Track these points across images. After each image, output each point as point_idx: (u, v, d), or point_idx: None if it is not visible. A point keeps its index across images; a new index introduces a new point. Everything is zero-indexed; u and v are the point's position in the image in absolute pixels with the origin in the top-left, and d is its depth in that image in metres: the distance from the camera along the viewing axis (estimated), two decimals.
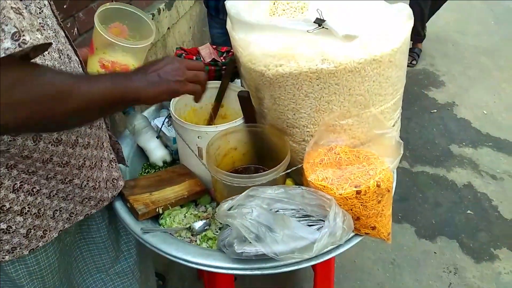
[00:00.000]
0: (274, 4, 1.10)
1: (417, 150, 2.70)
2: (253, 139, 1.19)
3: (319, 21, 0.95)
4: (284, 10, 1.09)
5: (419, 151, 2.69)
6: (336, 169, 1.02)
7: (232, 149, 1.19)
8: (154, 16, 2.24)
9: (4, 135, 0.78)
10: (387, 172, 0.99)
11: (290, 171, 1.09)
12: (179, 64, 0.82)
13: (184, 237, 1.11)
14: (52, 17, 0.87)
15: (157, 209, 1.12)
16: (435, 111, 3.07)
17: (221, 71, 1.34)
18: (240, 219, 0.91)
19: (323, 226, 0.94)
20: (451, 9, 3.14)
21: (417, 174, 2.51)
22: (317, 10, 0.96)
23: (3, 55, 0.60)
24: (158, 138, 1.34)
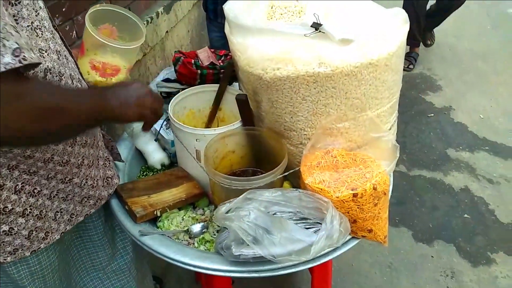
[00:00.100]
0: (272, 8, 1.11)
1: (414, 154, 2.71)
2: (251, 142, 1.20)
3: (316, 25, 0.96)
4: (281, 14, 1.09)
5: (416, 155, 2.70)
6: (333, 172, 1.02)
7: (230, 152, 1.20)
8: (153, 20, 2.25)
9: None
10: (384, 175, 0.99)
11: (288, 174, 1.10)
12: (145, 90, 0.90)
13: (182, 239, 1.11)
14: (48, 19, 0.88)
15: (155, 212, 1.12)
16: (432, 115, 3.08)
17: (219, 75, 1.35)
18: (237, 221, 0.92)
19: (320, 228, 0.95)
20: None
21: (414, 178, 2.52)
22: (314, 14, 0.97)
23: (3, 69, 0.61)
24: (156, 141, 1.34)
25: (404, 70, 3.55)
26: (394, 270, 1.98)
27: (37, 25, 0.81)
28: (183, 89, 1.35)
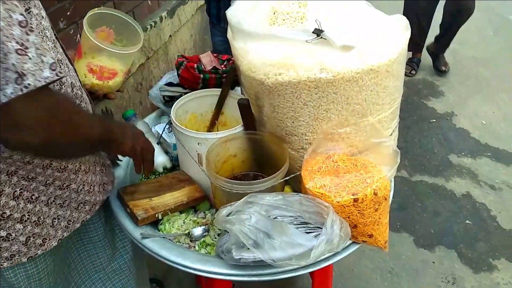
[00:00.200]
0: (274, 14, 1.12)
1: (416, 159, 2.71)
2: (253, 146, 1.20)
3: (318, 31, 0.97)
4: (284, 20, 1.10)
5: (418, 160, 2.70)
6: (334, 177, 1.03)
7: (231, 156, 1.21)
8: (156, 24, 2.27)
9: (18, 154, 0.84)
10: (384, 181, 1.00)
11: (289, 178, 1.10)
12: (139, 130, 1.09)
13: (183, 243, 1.12)
14: (50, 28, 0.89)
15: (156, 215, 1.13)
16: (434, 120, 3.08)
17: (221, 79, 1.35)
18: (238, 225, 0.92)
19: (320, 233, 0.95)
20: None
21: (416, 183, 2.52)
22: (315, 20, 0.98)
23: (44, 83, 0.67)
24: (158, 144, 1.35)
25: (406, 75, 3.56)
26: (395, 276, 1.98)
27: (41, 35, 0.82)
28: (185, 93, 1.36)
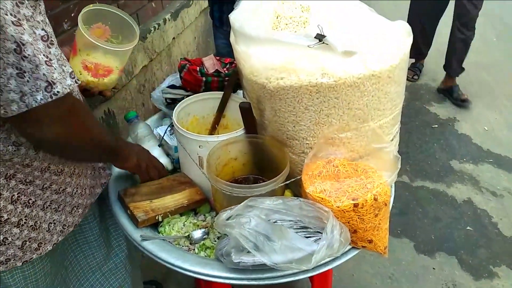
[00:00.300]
0: (277, 18, 1.12)
1: (417, 164, 2.70)
2: (254, 150, 1.21)
3: (320, 37, 0.97)
4: (286, 24, 1.11)
5: (420, 165, 2.69)
6: (334, 181, 1.03)
7: (232, 159, 1.21)
8: (160, 26, 2.28)
9: (35, 149, 0.89)
10: (385, 186, 1.00)
11: (289, 182, 1.10)
12: (146, 150, 1.23)
13: (183, 245, 1.12)
14: (52, 33, 0.89)
15: (156, 217, 1.13)
16: (436, 126, 3.08)
17: (224, 82, 1.36)
18: (238, 228, 0.92)
19: (320, 238, 0.95)
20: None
21: (417, 189, 2.52)
22: (318, 26, 0.99)
23: (68, 90, 0.77)
24: (160, 147, 1.35)
25: (409, 80, 3.56)
26: (395, 281, 1.97)
27: None
28: (188, 95, 1.36)
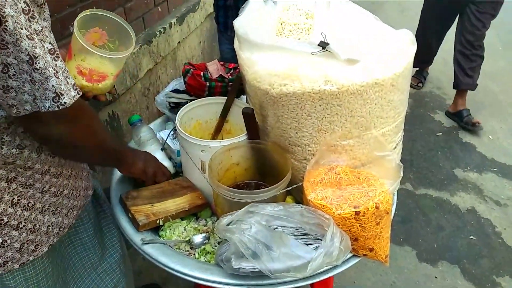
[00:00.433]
0: (281, 24, 1.13)
1: (421, 172, 2.69)
2: (256, 155, 1.21)
3: (323, 44, 0.98)
4: (291, 31, 1.11)
5: (423, 173, 2.68)
6: (336, 189, 1.03)
7: (234, 164, 1.21)
8: (166, 30, 2.29)
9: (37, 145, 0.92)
10: (387, 194, 0.99)
11: (291, 188, 1.10)
12: (153, 156, 1.26)
13: (183, 249, 1.12)
14: (53, 38, 0.90)
15: (157, 221, 1.13)
16: (441, 134, 3.06)
17: (227, 87, 1.36)
18: (238, 234, 0.92)
19: (320, 245, 0.95)
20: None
21: (420, 197, 2.50)
22: (321, 33, 0.99)
23: (72, 101, 0.82)
24: (162, 150, 1.36)
25: (414, 88, 3.55)
26: None
27: None
28: (191, 100, 1.37)
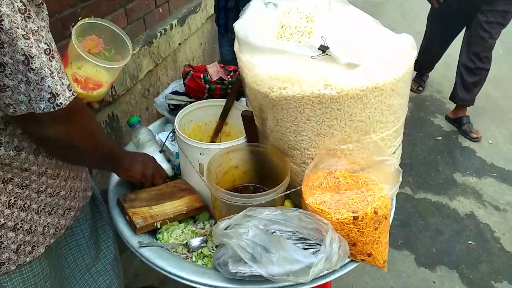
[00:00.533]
0: (282, 27, 1.12)
1: (420, 176, 2.68)
2: (255, 158, 1.20)
3: (323, 48, 0.97)
4: (291, 34, 1.11)
5: (422, 177, 2.68)
6: (335, 193, 1.02)
7: (233, 167, 1.20)
8: (166, 31, 2.29)
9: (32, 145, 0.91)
10: (385, 199, 0.99)
11: (289, 192, 1.10)
12: (151, 157, 1.26)
13: (180, 253, 1.11)
14: (52, 39, 0.90)
15: (155, 224, 1.13)
16: (440, 138, 3.06)
17: (227, 90, 1.36)
18: (236, 239, 0.92)
19: (319, 250, 0.94)
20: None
21: (419, 201, 2.50)
22: (321, 37, 0.99)
23: (68, 102, 0.82)
24: (161, 152, 1.35)
25: (414, 91, 3.54)
26: None
27: None
28: (191, 102, 1.37)
